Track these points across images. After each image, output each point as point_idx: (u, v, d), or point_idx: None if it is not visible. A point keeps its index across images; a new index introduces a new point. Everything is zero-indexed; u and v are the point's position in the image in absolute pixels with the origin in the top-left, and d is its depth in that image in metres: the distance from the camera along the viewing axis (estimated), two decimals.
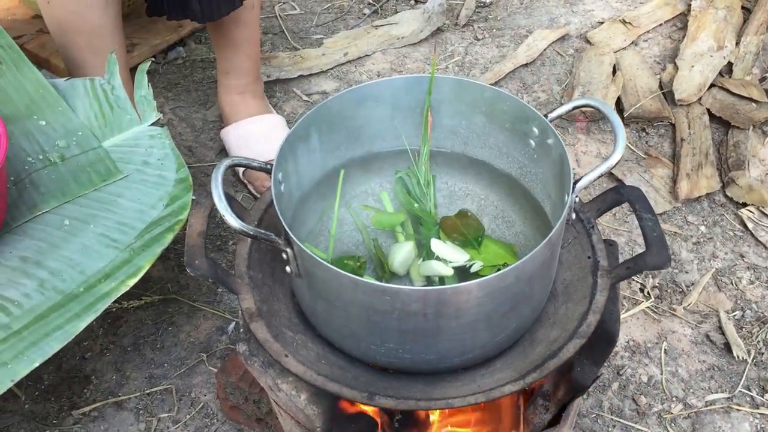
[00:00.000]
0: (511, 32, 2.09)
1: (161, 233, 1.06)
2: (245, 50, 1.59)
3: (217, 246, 1.53)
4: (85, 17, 1.32)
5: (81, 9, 1.31)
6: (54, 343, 0.94)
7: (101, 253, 1.04)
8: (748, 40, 1.93)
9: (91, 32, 1.35)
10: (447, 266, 0.92)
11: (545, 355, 0.86)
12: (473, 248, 0.95)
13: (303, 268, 0.84)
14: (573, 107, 0.92)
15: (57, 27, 1.35)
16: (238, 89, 1.65)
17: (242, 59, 1.60)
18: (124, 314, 1.42)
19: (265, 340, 0.87)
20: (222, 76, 1.64)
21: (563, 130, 1.78)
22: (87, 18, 1.32)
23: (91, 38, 1.35)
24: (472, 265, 0.92)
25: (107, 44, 1.34)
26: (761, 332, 1.38)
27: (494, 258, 0.93)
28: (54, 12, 1.32)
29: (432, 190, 1.02)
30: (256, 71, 1.65)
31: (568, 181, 0.85)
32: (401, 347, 0.84)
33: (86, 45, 1.36)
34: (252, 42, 1.59)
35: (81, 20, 1.32)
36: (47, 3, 1.31)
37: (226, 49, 1.59)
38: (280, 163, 0.90)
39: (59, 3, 1.30)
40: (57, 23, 1.35)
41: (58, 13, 1.32)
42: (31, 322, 0.96)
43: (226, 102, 1.67)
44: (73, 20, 1.32)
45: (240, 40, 1.57)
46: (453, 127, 1.04)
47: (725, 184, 1.63)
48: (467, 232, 0.95)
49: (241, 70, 1.62)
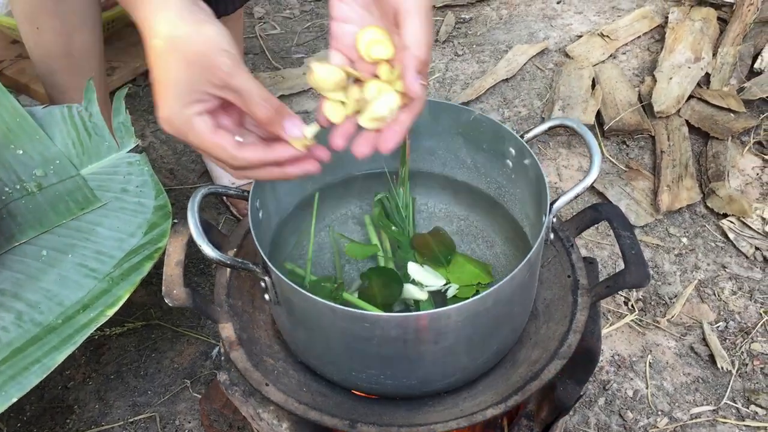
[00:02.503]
0: (491, 47, 2.10)
1: (140, 261, 1.05)
2: None
3: (200, 270, 1.52)
4: (74, 39, 1.34)
5: (70, 31, 1.32)
6: (32, 377, 0.93)
7: (79, 283, 1.03)
8: (725, 51, 1.95)
9: (78, 54, 1.36)
10: (422, 290, 0.92)
11: (527, 376, 0.86)
12: (442, 266, 0.95)
13: (281, 296, 0.84)
14: (548, 127, 0.93)
15: (44, 52, 1.36)
16: None
17: None
18: (106, 341, 1.41)
19: (246, 369, 0.87)
20: None
21: (544, 145, 1.78)
22: (75, 40, 1.34)
23: (78, 60, 1.37)
24: (448, 289, 0.92)
25: (93, 66, 1.37)
26: (744, 343, 1.38)
27: (469, 278, 0.93)
28: (43, 37, 1.33)
29: (411, 212, 1.02)
30: None
31: (545, 201, 0.86)
32: (382, 373, 0.84)
33: (73, 67, 1.37)
34: None
35: (70, 42, 1.34)
36: (36, 29, 1.32)
37: None
38: (257, 190, 0.90)
39: (49, 27, 1.31)
40: (45, 48, 1.35)
41: (47, 38, 1.33)
42: (9, 356, 0.95)
43: None
44: (62, 42, 1.33)
45: None
46: (431, 148, 1.04)
47: (706, 195, 1.64)
48: (437, 249, 0.95)
49: None
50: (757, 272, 1.50)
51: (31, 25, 1.31)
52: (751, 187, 1.68)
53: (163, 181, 1.71)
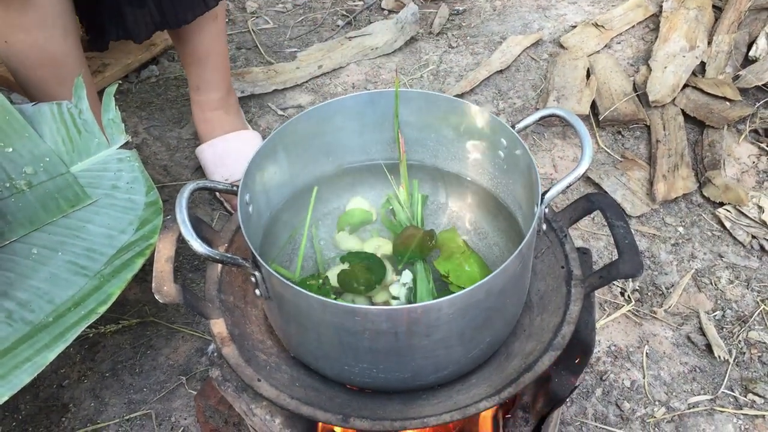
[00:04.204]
0: (485, 39, 2.09)
1: (131, 258, 1.05)
2: (213, 63, 1.58)
3: (194, 266, 1.52)
4: (46, 49, 1.30)
5: (40, 42, 1.29)
6: (23, 375, 0.92)
7: (70, 281, 1.02)
8: (719, 39, 1.94)
9: (53, 63, 1.33)
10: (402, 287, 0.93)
11: (521, 368, 0.85)
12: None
13: (272, 291, 0.83)
14: (540, 117, 0.92)
15: (19, 65, 1.33)
16: (210, 105, 1.64)
17: (211, 73, 1.59)
18: (101, 339, 1.40)
19: (238, 365, 0.86)
20: (193, 92, 1.63)
21: (539, 136, 1.78)
22: (47, 50, 1.31)
23: (54, 69, 1.34)
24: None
25: (72, 72, 1.33)
26: (741, 332, 1.38)
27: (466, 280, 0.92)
28: (13, 50, 1.30)
29: (419, 209, 1.01)
30: (227, 85, 1.64)
31: (536, 191, 0.85)
32: (375, 367, 0.83)
33: (51, 76, 1.34)
34: (219, 54, 1.59)
35: (42, 53, 1.31)
36: (5, 42, 1.29)
37: (193, 64, 1.58)
38: (247, 185, 0.89)
39: (17, 39, 1.28)
40: (18, 61, 1.32)
41: (17, 51, 1.30)
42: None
43: (200, 119, 1.66)
44: (34, 54, 1.30)
45: (206, 53, 1.56)
46: (422, 139, 1.03)
47: (702, 184, 1.63)
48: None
49: (211, 84, 1.61)
50: (753, 261, 1.50)
51: (0, 39, 1.29)
52: (748, 176, 1.67)
53: (157, 178, 1.70)
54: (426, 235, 0.93)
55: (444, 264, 0.94)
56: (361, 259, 0.93)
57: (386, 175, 1.04)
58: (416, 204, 1.00)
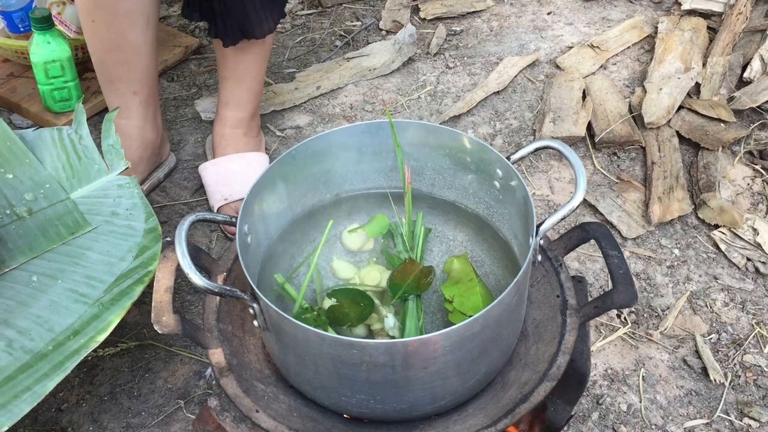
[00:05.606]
0: (482, 60, 2.11)
1: (131, 285, 1.06)
2: (248, 83, 1.62)
3: (193, 289, 1.52)
4: (126, 36, 1.40)
5: (124, 28, 1.40)
6: (23, 405, 0.93)
7: (70, 309, 1.03)
8: (714, 60, 1.96)
9: (129, 49, 1.43)
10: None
11: (517, 398, 0.86)
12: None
13: (270, 322, 0.84)
14: (535, 149, 0.93)
15: (97, 43, 1.44)
16: (233, 122, 1.66)
17: (244, 92, 1.63)
18: (99, 362, 1.40)
19: (236, 396, 0.87)
20: (221, 106, 1.66)
21: (536, 157, 1.79)
22: (127, 37, 1.41)
23: (128, 55, 1.44)
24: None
25: (143, 61, 1.45)
26: (737, 355, 1.39)
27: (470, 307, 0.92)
28: (97, 29, 1.41)
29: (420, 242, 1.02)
30: (255, 108, 1.67)
31: (532, 224, 0.86)
32: (372, 398, 0.84)
33: (123, 60, 1.45)
34: (257, 77, 1.63)
35: (122, 39, 1.41)
36: (92, 21, 1.40)
37: (230, 79, 1.62)
38: (246, 216, 0.90)
39: (104, 21, 1.39)
40: (98, 40, 1.43)
41: (100, 31, 1.41)
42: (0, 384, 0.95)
43: (219, 134, 1.68)
44: (114, 39, 1.41)
45: (246, 72, 1.60)
46: (418, 168, 1.04)
47: (697, 206, 1.64)
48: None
49: (240, 102, 1.64)
50: (749, 283, 1.51)
51: (88, 17, 1.40)
52: (743, 198, 1.68)
53: (156, 199, 1.71)
54: (423, 272, 0.94)
55: (450, 288, 0.95)
56: (347, 294, 0.93)
57: (383, 203, 1.05)
58: (418, 237, 1.01)
